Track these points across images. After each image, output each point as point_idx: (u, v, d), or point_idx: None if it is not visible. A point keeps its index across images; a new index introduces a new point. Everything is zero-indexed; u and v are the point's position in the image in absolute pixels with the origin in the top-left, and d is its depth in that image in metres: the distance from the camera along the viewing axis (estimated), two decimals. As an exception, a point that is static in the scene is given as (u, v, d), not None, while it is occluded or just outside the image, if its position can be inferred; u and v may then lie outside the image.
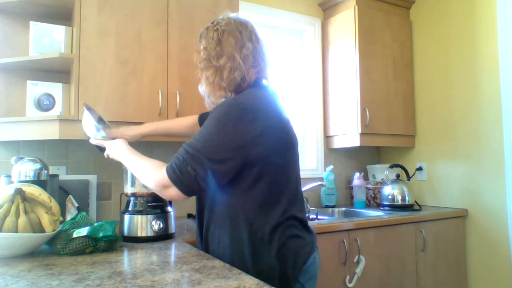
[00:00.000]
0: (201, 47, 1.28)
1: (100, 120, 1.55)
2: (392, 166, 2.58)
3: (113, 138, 1.40)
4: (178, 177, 1.08)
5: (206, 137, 1.09)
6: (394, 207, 2.45)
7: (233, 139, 1.08)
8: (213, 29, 1.25)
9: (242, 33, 1.23)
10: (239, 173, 1.11)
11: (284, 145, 1.17)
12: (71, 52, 1.79)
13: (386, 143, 2.65)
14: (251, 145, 1.09)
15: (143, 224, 1.42)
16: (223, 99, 1.24)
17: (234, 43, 1.21)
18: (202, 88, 1.30)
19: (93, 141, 1.42)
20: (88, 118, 1.41)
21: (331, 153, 2.84)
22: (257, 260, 1.10)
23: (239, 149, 1.08)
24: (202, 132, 1.11)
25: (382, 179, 2.61)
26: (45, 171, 1.52)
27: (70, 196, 1.74)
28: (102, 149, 1.42)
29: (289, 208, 1.16)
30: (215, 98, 1.26)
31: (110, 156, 1.36)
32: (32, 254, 1.19)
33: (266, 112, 1.13)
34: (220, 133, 1.08)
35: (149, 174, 1.15)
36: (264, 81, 1.27)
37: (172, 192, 1.10)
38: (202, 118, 1.61)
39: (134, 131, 1.59)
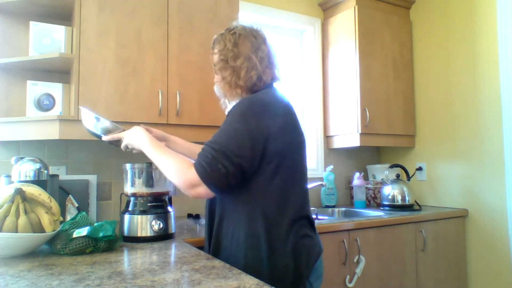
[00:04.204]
0: (217, 50, 1.31)
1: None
2: (392, 166, 2.58)
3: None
4: (209, 175, 1.07)
5: (231, 133, 1.10)
6: (394, 207, 2.45)
7: (256, 133, 1.10)
8: (229, 33, 1.29)
9: (257, 37, 1.29)
10: (258, 167, 1.12)
11: (298, 143, 1.21)
12: (71, 52, 1.79)
13: (386, 143, 2.65)
14: (271, 140, 1.12)
15: (143, 224, 1.42)
16: (240, 98, 1.26)
17: (250, 46, 1.26)
18: (218, 89, 1.33)
19: (105, 138, 1.36)
20: (87, 114, 1.37)
21: (331, 153, 2.84)
22: (272, 257, 1.12)
23: (262, 143, 1.11)
24: (226, 129, 1.12)
25: (382, 179, 2.60)
26: (45, 171, 1.52)
27: (70, 196, 1.74)
28: (116, 144, 1.38)
29: (302, 207, 1.19)
30: (231, 97, 1.29)
31: (130, 147, 1.32)
32: (32, 254, 1.19)
33: (283, 110, 1.18)
34: (244, 129, 1.10)
35: (176, 173, 1.14)
36: (277, 84, 1.32)
37: (200, 191, 1.10)
38: None
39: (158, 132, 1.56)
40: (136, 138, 1.29)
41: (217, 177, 1.07)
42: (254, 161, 1.10)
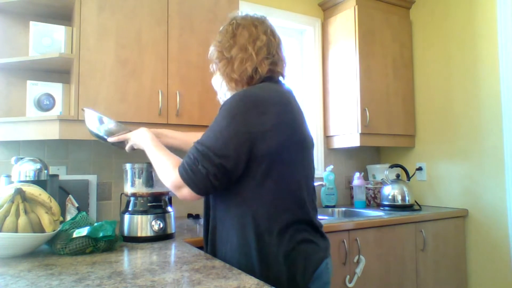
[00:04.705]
0: (217, 42, 1.27)
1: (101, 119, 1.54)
2: (392, 166, 2.58)
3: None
4: (190, 176, 1.04)
5: (216, 132, 1.05)
6: (394, 207, 2.45)
7: (243, 132, 1.04)
8: (229, 23, 1.25)
9: (258, 27, 1.22)
10: (247, 169, 1.06)
11: (295, 143, 1.11)
12: (71, 52, 1.79)
13: (386, 143, 2.65)
14: (260, 139, 1.04)
15: (143, 224, 1.42)
16: (235, 92, 1.19)
17: (247, 36, 1.20)
18: (215, 81, 1.29)
19: (111, 139, 1.37)
20: (91, 116, 1.39)
21: (331, 153, 2.84)
22: (264, 265, 1.05)
23: (248, 143, 1.04)
24: (213, 127, 1.08)
25: (382, 179, 2.61)
26: (45, 171, 1.52)
27: (70, 196, 1.74)
28: (121, 146, 1.39)
29: (299, 211, 1.10)
30: (226, 90, 1.24)
31: (135, 147, 1.33)
32: (32, 254, 1.19)
33: (278, 107, 1.09)
34: (230, 127, 1.04)
35: (165, 174, 1.13)
36: (280, 78, 1.25)
37: (184, 193, 1.08)
38: None
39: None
40: (140, 137, 1.31)
41: (198, 179, 1.04)
42: (239, 161, 1.03)
